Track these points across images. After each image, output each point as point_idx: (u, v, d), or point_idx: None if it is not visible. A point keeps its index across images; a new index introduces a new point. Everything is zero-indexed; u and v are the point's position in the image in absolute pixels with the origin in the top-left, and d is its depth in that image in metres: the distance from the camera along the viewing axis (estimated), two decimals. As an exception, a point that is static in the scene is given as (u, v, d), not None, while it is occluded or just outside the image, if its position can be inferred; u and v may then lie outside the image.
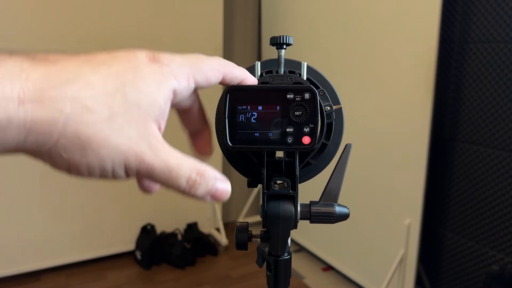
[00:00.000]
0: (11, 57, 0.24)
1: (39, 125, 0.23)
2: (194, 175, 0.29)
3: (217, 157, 2.34)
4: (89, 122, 0.25)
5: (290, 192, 0.37)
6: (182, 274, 2.08)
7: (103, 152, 0.25)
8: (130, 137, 0.26)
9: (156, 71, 0.28)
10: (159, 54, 0.29)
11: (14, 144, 0.24)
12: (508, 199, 1.52)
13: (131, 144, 0.26)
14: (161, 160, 0.27)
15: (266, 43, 2.50)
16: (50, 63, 0.25)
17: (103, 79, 0.26)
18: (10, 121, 0.23)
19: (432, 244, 1.79)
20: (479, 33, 1.56)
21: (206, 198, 0.30)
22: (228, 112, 0.34)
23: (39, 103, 0.23)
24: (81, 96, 0.24)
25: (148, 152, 0.27)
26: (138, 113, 0.26)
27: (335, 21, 1.94)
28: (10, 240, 1.91)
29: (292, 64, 0.39)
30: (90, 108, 0.25)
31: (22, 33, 1.81)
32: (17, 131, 0.23)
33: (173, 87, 0.28)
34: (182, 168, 0.28)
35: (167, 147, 0.28)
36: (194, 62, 0.30)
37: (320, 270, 2.15)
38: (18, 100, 0.23)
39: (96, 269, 2.08)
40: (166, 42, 2.11)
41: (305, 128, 0.34)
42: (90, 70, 0.26)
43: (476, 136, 1.60)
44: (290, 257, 0.39)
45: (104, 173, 0.27)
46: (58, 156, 0.25)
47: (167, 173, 0.28)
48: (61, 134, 0.24)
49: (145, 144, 0.27)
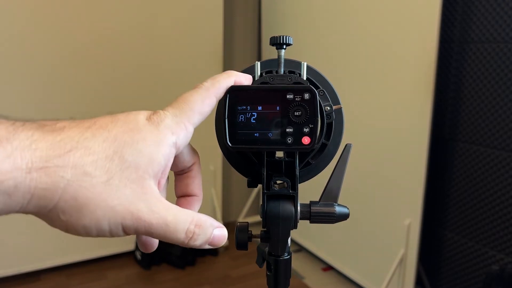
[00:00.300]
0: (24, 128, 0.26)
1: (42, 191, 0.25)
2: (192, 227, 0.30)
3: (217, 157, 2.34)
4: (87, 185, 0.26)
5: (290, 192, 0.37)
6: (182, 274, 2.08)
7: (99, 213, 0.27)
8: (126, 197, 0.27)
9: (153, 131, 0.29)
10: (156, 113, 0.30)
11: (18, 208, 0.26)
12: (508, 199, 1.52)
13: (127, 204, 0.27)
14: (158, 217, 0.28)
15: (266, 43, 2.50)
16: (56, 133, 0.27)
17: (102, 144, 0.27)
18: (17, 188, 0.25)
19: (432, 244, 1.79)
20: (479, 33, 1.56)
21: (205, 246, 0.32)
22: (228, 112, 0.34)
23: (44, 171, 0.25)
24: (82, 162, 0.26)
25: (144, 210, 0.28)
26: (135, 174, 0.28)
27: (335, 21, 1.94)
28: (10, 240, 1.91)
29: (292, 64, 0.39)
30: (89, 173, 0.27)
31: (23, 33, 1.81)
32: (22, 196, 0.25)
33: (172, 142, 0.30)
34: (179, 222, 0.29)
35: (164, 203, 0.29)
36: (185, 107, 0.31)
37: (320, 270, 2.15)
38: (26, 169, 0.25)
39: (96, 269, 2.07)
40: (166, 43, 2.11)
41: (305, 129, 0.34)
42: (92, 136, 0.28)
43: (476, 136, 1.60)
44: (290, 257, 0.39)
45: (101, 233, 0.28)
46: (57, 217, 0.27)
47: (165, 228, 0.29)
48: (60, 198, 0.26)
49: (142, 203, 0.28)
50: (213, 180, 2.32)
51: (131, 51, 2.03)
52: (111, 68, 2.00)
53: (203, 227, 0.30)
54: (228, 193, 2.59)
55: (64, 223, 0.27)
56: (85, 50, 1.93)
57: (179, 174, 0.36)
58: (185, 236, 0.30)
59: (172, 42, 2.13)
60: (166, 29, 2.10)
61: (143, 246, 0.34)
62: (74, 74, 1.93)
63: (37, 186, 0.25)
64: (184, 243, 0.30)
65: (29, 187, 0.25)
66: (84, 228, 0.27)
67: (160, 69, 2.12)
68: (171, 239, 0.29)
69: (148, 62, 2.08)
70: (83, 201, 0.26)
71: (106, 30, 1.96)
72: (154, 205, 0.28)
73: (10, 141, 0.25)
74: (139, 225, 0.28)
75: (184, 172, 0.36)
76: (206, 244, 0.31)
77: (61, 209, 0.26)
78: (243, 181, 0.39)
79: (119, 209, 0.27)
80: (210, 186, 2.31)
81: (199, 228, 0.30)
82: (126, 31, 2.00)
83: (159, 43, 2.10)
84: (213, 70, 2.22)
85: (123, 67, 2.03)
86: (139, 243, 0.34)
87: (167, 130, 0.30)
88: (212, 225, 0.31)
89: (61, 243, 2.01)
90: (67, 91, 1.93)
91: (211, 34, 2.23)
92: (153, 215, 0.28)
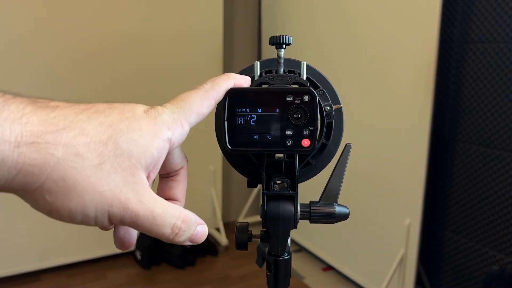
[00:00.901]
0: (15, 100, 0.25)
1: (30, 167, 0.24)
2: (179, 222, 0.29)
3: (217, 157, 2.34)
4: (77, 167, 0.25)
5: (290, 192, 0.37)
6: (182, 274, 2.08)
7: (86, 198, 0.26)
8: (116, 184, 0.27)
9: (150, 123, 0.29)
10: (154, 107, 0.30)
11: (2, 182, 0.25)
12: (508, 199, 1.51)
13: (116, 190, 0.27)
14: (146, 208, 0.28)
15: (266, 43, 2.50)
16: (50, 109, 0.26)
17: (97, 127, 0.27)
18: (4, 162, 0.24)
19: (432, 244, 1.79)
20: (479, 33, 1.56)
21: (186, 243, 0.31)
22: (227, 114, 0.34)
23: (34, 146, 0.24)
24: (75, 142, 0.26)
25: (133, 199, 0.27)
26: (128, 162, 0.27)
27: (335, 21, 1.94)
28: (10, 240, 1.91)
29: (291, 63, 0.39)
30: (81, 154, 0.26)
31: (24, 36, 1.81)
32: (7, 170, 0.24)
33: (167, 137, 0.29)
34: (167, 216, 0.29)
35: (152, 195, 0.29)
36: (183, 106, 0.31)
37: (320, 270, 2.15)
38: (15, 142, 0.24)
39: (96, 269, 2.07)
40: (166, 43, 2.11)
41: (305, 131, 0.34)
42: (87, 118, 0.27)
43: (476, 136, 1.60)
44: (290, 257, 0.39)
45: (86, 219, 0.27)
46: (42, 198, 0.26)
47: (151, 220, 0.28)
48: (48, 177, 0.25)
49: (131, 192, 0.27)
50: (213, 180, 2.32)
51: (131, 51, 2.03)
52: (111, 68, 2.00)
53: (188, 223, 0.30)
54: (228, 193, 2.59)
55: (49, 205, 0.26)
56: (85, 50, 1.93)
57: (165, 177, 0.35)
58: (171, 231, 0.29)
59: (172, 42, 2.13)
60: (166, 29, 2.10)
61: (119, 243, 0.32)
62: (73, 75, 1.93)
63: (25, 161, 0.24)
64: (168, 238, 0.29)
65: (16, 161, 0.24)
66: (69, 213, 0.26)
67: (160, 69, 2.12)
68: (156, 233, 0.29)
69: (148, 62, 2.08)
70: (71, 183, 0.25)
71: (106, 30, 1.96)
72: (142, 195, 0.28)
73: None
74: (126, 214, 0.27)
75: (170, 176, 0.35)
76: (188, 240, 0.31)
77: (48, 189, 0.25)
78: (243, 181, 0.39)
79: (108, 195, 0.26)
80: (210, 186, 2.31)
81: (185, 224, 0.30)
82: (126, 31, 2.00)
83: (159, 43, 2.10)
84: (213, 70, 2.22)
85: (123, 67, 2.03)
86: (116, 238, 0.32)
87: (164, 124, 0.29)
88: (196, 222, 0.31)
89: (61, 243, 2.01)
90: (67, 91, 1.93)
91: (211, 34, 2.23)
92: (140, 205, 0.28)
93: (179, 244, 0.31)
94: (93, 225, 0.28)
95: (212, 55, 2.24)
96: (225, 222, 2.44)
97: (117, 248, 0.33)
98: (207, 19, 2.21)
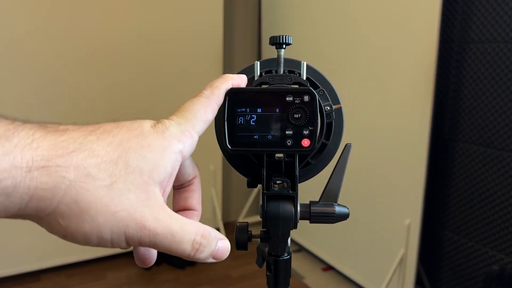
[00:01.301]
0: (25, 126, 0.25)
1: (42, 192, 0.24)
2: (198, 238, 0.29)
3: (217, 157, 2.34)
4: (90, 188, 0.25)
5: (290, 192, 0.37)
6: (182, 274, 2.08)
7: (101, 220, 0.26)
8: (130, 203, 0.26)
9: (159, 138, 0.28)
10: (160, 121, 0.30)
11: (15, 210, 0.24)
12: (508, 199, 1.51)
13: (131, 210, 0.26)
14: (163, 226, 0.27)
15: (266, 43, 2.50)
16: (59, 133, 0.26)
17: (107, 147, 0.27)
18: (16, 188, 0.24)
19: (432, 244, 1.79)
20: (479, 33, 1.56)
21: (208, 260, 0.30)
22: (227, 114, 0.34)
23: (45, 170, 0.24)
24: (85, 164, 0.25)
25: (149, 217, 0.27)
26: (140, 179, 0.27)
27: (335, 21, 1.94)
28: (10, 240, 1.91)
29: (291, 63, 0.39)
30: (92, 175, 0.25)
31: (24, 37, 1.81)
32: (20, 197, 0.24)
33: (178, 150, 0.29)
34: (186, 232, 0.28)
35: (168, 211, 0.28)
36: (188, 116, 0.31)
37: (320, 270, 2.15)
38: (26, 167, 0.24)
39: (96, 269, 2.07)
40: (166, 43, 2.11)
41: (305, 131, 0.34)
42: (96, 139, 0.27)
43: (476, 136, 1.60)
44: (290, 257, 0.39)
45: (102, 242, 0.27)
46: (56, 222, 0.26)
47: (170, 238, 0.27)
48: (61, 200, 0.25)
49: (146, 209, 0.27)
50: (213, 180, 2.32)
51: (131, 52, 2.03)
52: (111, 68, 2.00)
53: (208, 238, 0.29)
54: (228, 193, 2.59)
55: (63, 229, 0.26)
56: (85, 51, 1.93)
57: (178, 188, 0.35)
58: (191, 247, 0.28)
59: (172, 42, 2.13)
60: (166, 29, 2.10)
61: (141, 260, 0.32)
62: (73, 75, 1.93)
63: (37, 186, 0.24)
64: (190, 255, 0.29)
65: (28, 187, 0.24)
66: (84, 236, 0.26)
67: (160, 69, 2.12)
68: (176, 251, 0.28)
69: (149, 63, 2.08)
70: (85, 205, 0.25)
71: (106, 31, 1.96)
72: (158, 212, 0.27)
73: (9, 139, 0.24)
74: (143, 234, 0.27)
75: (184, 186, 0.35)
76: (210, 257, 0.30)
77: (61, 213, 0.25)
78: (243, 181, 0.39)
79: (122, 216, 0.26)
80: (210, 186, 2.31)
81: (205, 239, 0.29)
82: (126, 31, 2.00)
83: (159, 43, 2.10)
84: (213, 70, 2.22)
85: (123, 67, 2.03)
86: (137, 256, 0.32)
87: (173, 137, 0.29)
88: (216, 237, 0.30)
89: (61, 243, 1.99)
90: (67, 91, 1.93)
91: (211, 34, 2.23)
92: (158, 223, 0.27)
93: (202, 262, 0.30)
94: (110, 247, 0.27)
95: (212, 55, 2.24)
96: (225, 222, 2.44)
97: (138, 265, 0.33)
98: (207, 19, 2.21)
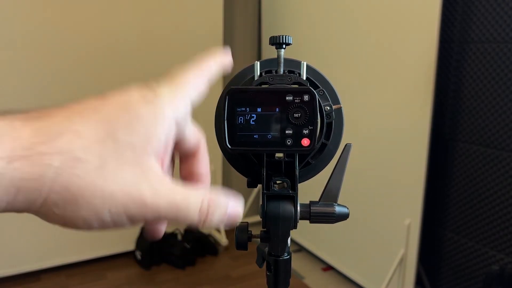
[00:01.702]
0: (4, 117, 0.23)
1: (28, 182, 0.23)
2: (205, 205, 0.27)
3: (217, 157, 2.34)
4: (79, 173, 0.24)
5: (290, 192, 0.37)
6: (182, 274, 2.08)
7: (97, 202, 0.24)
8: (125, 181, 0.25)
9: (149, 107, 0.26)
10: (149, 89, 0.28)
11: (4, 204, 0.23)
12: (508, 199, 1.51)
13: (127, 188, 0.25)
14: (165, 198, 0.26)
15: (266, 43, 2.50)
16: (41, 119, 0.24)
17: (93, 127, 0.25)
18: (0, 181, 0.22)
19: (432, 244, 1.79)
20: (479, 33, 1.56)
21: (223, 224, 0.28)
22: (227, 114, 0.34)
23: (28, 159, 0.23)
24: (71, 147, 0.24)
25: (148, 192, 0.25)
26: (132, 155, 0.25)
27: (335, 21, 1.94)
28: (10, 240, 1.91)
29: (291, 63, 0.39)
30: (80, 159, 0.24)
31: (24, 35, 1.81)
32: (6, 190, 0.22)
33: (171, 116, 0.27)
34: (191, 201, 0.26)
35: (168, 182, 0.26)
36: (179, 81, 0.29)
37: (320, 270, 2.15)
38: (7, 159, 0.22)
39: (96, 269, 2.07)
40: (166, 42, 2.11)
41: (304, 130, 0.33)
42: (80, 119, 0.25)
43: (476, 136, 1.60)
44: (290, 257, 0.39)
45: (103, 224, 0.25)
46: (51, 213, 0.24)
47: (175, 211, 0.26)
48: (50, 189, 0.23)
49: (143, 184, 0.25)
50: (213, 180, 2.32)
51: (132, 52, 2.03)
52: (111, 68, 2.00)
53: (216, 201, 0.27)
54: (228, 193, 2.59)
55: (61, 218, 0.24)
56: (85, 50, 1.93)
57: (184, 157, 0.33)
58: (199, 216, 0.26)
59: (172, 42, 2.13)
60: (166, 29, 2.10)
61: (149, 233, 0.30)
62: (73, 74, 1.93)
63: (22, 177, 0.22)
64: (199, 223, 0.27)
65: (12, 179, 0.22)
66: (84, 221, 0.24)
67: (160, 69, 2.11)
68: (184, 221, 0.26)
69: (148, 62, 2.08)
70: (77, 191, 0.23)
71: (106, 31, 1.96)
72: (157, 186, 0.26)
73: None
74: (146, 211, 0.25)
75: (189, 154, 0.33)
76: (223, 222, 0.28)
77: (53, 203, 0.23)
78: (243, 181, 0.39)
79: (119, 196, 0.24)
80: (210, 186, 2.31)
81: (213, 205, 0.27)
82: (126, 32, 2.00)
83: (159, 43, 2.10)
84: (213, 70, 2.22)
85: (123, 67, 2.03)
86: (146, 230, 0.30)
87: (164, 105, 0.27)
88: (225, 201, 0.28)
89: (61, 243, 2.01)
90: (67, 91, 1.93)
91: (211, 34, 2.23)
92: (158, 198, 0.25)
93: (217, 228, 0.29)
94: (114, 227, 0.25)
95: (212, 55, 2.23)
96: (225, 222, 2.44)
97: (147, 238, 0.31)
98: (207, 19, 2.21)
